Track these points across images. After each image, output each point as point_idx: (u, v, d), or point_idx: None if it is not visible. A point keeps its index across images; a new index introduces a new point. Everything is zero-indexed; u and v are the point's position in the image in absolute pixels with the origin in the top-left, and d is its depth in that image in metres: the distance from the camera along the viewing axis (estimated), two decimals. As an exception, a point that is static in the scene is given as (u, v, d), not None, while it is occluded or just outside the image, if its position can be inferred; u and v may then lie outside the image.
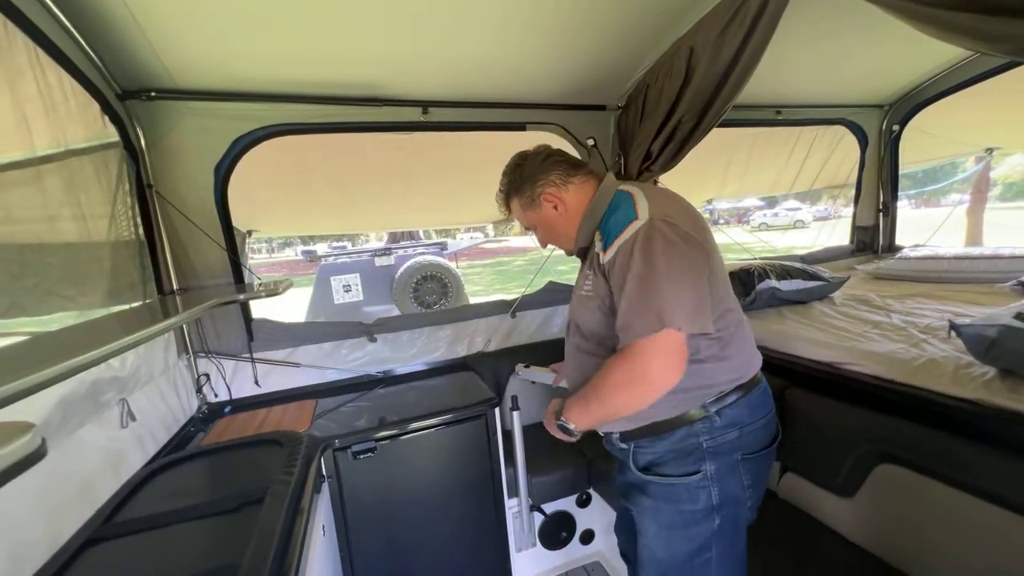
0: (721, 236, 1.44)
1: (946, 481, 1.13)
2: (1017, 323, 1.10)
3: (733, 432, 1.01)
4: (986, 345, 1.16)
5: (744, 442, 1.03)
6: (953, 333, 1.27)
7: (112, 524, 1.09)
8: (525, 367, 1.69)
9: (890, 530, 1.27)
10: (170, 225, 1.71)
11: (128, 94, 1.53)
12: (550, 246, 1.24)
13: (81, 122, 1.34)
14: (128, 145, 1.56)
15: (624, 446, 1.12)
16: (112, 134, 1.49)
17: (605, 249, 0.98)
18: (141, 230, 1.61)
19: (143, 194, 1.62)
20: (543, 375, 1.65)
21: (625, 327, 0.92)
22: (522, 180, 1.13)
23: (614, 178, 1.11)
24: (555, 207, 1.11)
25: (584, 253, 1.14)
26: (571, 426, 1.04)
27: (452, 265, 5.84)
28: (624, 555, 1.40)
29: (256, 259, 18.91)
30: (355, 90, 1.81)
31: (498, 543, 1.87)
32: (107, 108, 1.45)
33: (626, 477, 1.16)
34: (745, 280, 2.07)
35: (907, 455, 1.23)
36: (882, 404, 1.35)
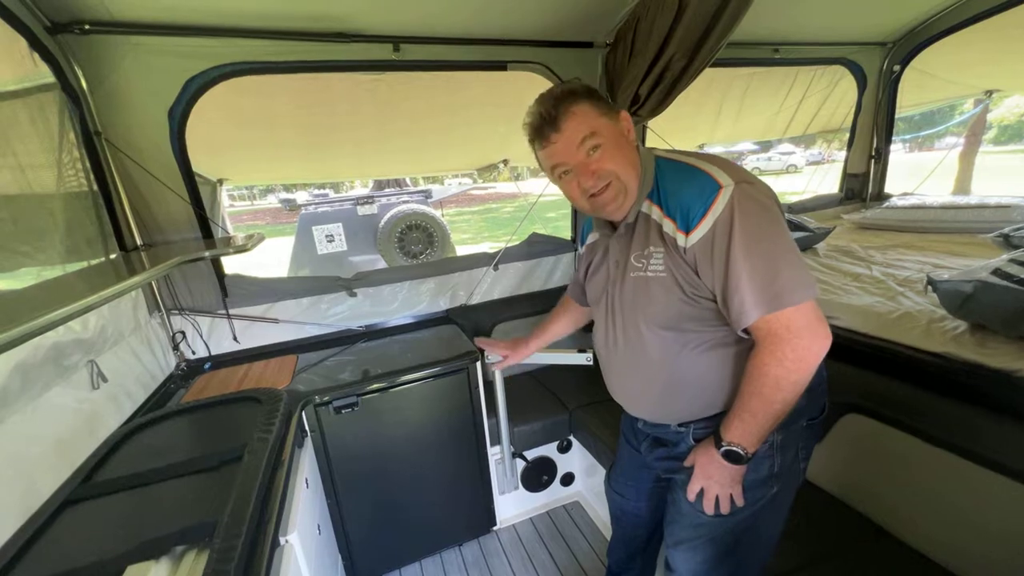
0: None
1: (909, 431, 1.17)
2: (993, 279, 1.10)
3: (803, 400, 0.92)
4: (960, 300, 1.16)
5: (809, 407, 0.97)
6: (930, 288, 1.27)
7: (90, 484, 1.09)
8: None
9: (851, 476, 1.34)
10: (125, 176, 1.60)
11: (58, 27, 1.37)
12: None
13: (5, 60, 1.20)
14: (67, 87, 1.42)
15: (682, 429, 1.02)
16: (46, 74, 1.35)
17: (689, 229, 0.84)
18: (94, 181, 1.51)
19: (91, 142, 1.50)
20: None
21: (756, 305, 0.80)
22: (600, 95, 0.93)
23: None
24: (627, 132, 0.94)
25: (623, 227, 0.97)
26: (741, 450, 0.88)
27: (437, 213, 5.69)
28: (622, 508, 1.34)
29: (238, 207, 18.34)
30: (319, 24, 1.65)
31: (482, 487, 1.95)
32: (36, 44, 1.30)
33: (673, 452, 1.06)
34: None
35: (873, 406, 1.26)
36: (853, 356, 1.38)
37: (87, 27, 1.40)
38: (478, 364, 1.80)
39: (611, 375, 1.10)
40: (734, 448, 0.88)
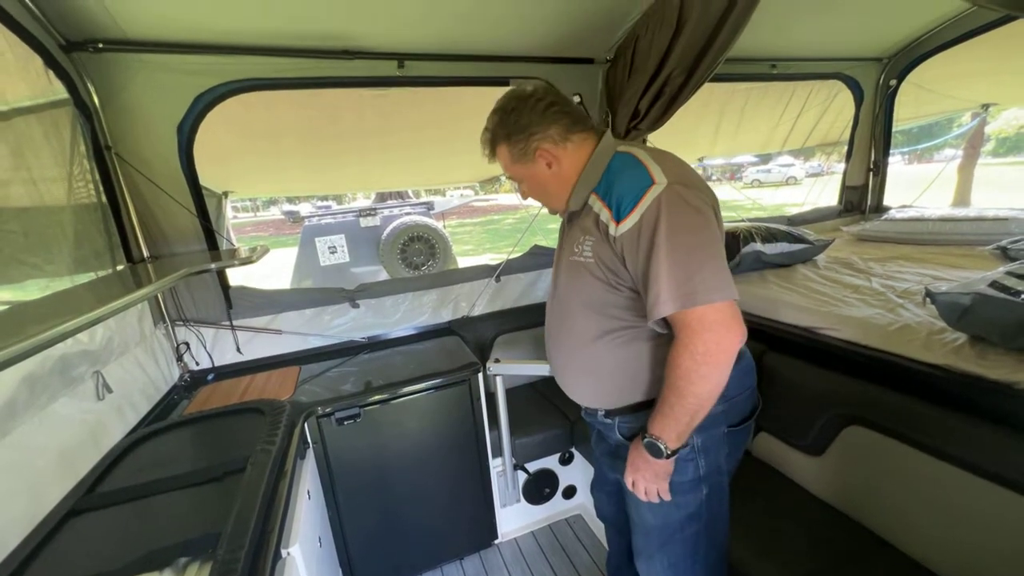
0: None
1: (910, 443, 1.17)
2: (991, 291, 1.11)
3: (720, 406, 0.97)
4: (959, 313, 1.17)
5: (729, 415, 1.03)
6: (928, 300, 1.28)
7: (94, 495, 1.10)
8: (496, 362, 1.60)
9: (853, 488, 1.34)
10: (134, 189, 1.63)
11: (73, 45, 1.41)
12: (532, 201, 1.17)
13: (22, 78, 1.23)
14: (80, 103, 1.45)
15: (608, 420, 1.10)
16: (60, 90, 1.38)
17: (620, 219, 0.89)
18: (103, 194, 1.54)
19: (101, 156, 1.53)
20: (524, 367, 1.60)
21: (670, 300, 0.84)
22: (517, 128, 1.00)
23: (612, 137, 1.03)
24: (549, 165, 1.01)
25: (571, 215, 1.07)
26: (662, 444, 0.93)
27: (439, 225, 5.72)
28: (602, 515, 1.41)
29: (242, 218, 18.48)
30: (325, 42, 1.69)
31: (483, 500, 1.94)
32: (51, 62, 1.34)
33: (610, 447, 1.15)
34: (730, 243, 2.06)
35: (875, 418, 1.26)
36: (854, 368, 1.38)
37: (101, 45, 1.44)
38: (480, 376, 1.81)
39: (549, 347, 1.18)
40: (653, 440, 0.94)
